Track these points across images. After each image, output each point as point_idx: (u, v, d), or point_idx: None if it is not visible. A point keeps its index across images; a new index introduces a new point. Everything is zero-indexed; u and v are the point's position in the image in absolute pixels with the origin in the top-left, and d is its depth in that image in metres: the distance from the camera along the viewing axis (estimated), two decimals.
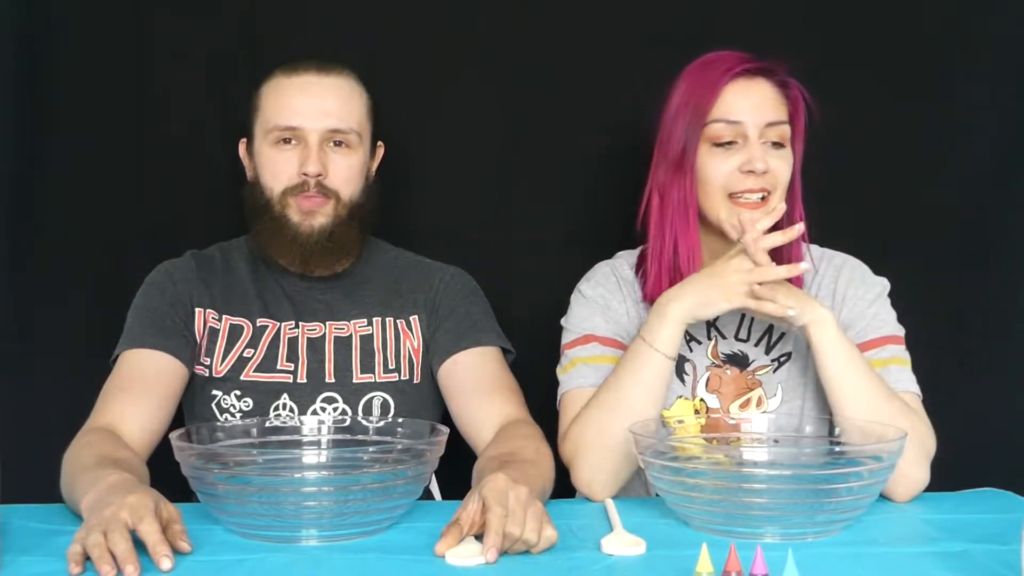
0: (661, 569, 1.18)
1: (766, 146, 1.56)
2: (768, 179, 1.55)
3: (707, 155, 1.57)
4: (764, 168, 1.54)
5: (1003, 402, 1.99)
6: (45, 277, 1.94)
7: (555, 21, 1.99)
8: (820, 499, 1.28)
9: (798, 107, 1.59)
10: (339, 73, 1.67)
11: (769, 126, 1.56)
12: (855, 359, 1.49)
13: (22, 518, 1.35)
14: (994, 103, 1.99)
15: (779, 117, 1.57)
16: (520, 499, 1.22)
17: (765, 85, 1.57)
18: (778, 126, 1.57)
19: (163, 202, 1.96)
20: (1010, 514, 1.39)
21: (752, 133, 1.55)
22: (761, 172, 1.54)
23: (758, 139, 1.55)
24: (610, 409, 1.50)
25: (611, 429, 1.48)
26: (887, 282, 1.63)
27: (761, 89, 1.57)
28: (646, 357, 1.50)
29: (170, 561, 1.16)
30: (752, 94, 1.56)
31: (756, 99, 1.56)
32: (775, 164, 1.56)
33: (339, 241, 1.66)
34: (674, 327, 1.49)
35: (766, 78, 1.58)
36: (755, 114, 1.55)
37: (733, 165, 1.55)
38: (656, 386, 1.50)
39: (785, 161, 1.57)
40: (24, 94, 1.91)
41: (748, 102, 1.56)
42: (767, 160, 1.55)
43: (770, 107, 1.57)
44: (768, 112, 1.56)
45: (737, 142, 1.56)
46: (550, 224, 1.98)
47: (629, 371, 1.50)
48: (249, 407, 1.64)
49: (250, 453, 1.41)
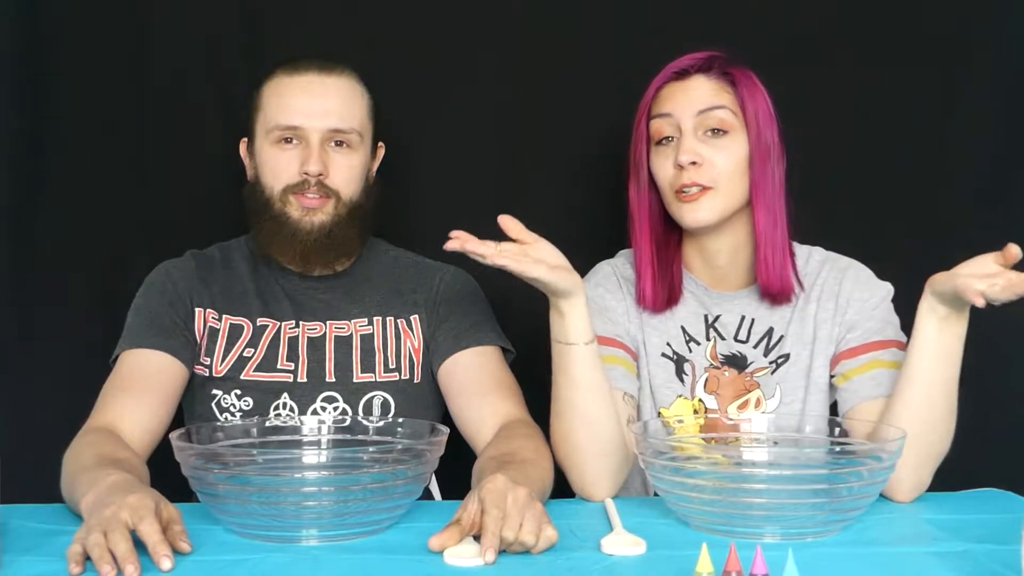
0: (661, 569, 1.18)
1: (706, 136, 1.55)
2: (705, 172, 1.54)
3: (654, 155, 1.59)
4: (691, 159, 1.53)
5: (1003, 402, 1.99)
6: (45, 277, 1.94)
7: (556, 22, 1.99)
8: (820, 499, 1.28)
9: (745, 93, 1.57)
10: (341, 73, 1.67)
11: (702, 113, 1.55)
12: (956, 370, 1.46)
13: (22, 518, 1.34)
14: (994, 104, 1.99)
15: (713, 103, 1.55)
16: (518, 502, 1.22)
17: (700, 79, 1.57)
18: (714, 111, 1.55)
19: (163, 202, 1.96)
20: (1010, 514, 1.39)
21: (686, 124, 1.55)
22: (688, 164, 1.53)
23: (694, 130, 1.55)
24: (565, 417, 1.50)
25: (575, 435, 1.49)
26: (891, 287, 1.63)
27: (694, 82, 1.57)
28: (566, 354, 1.48)
29: (170, 561, 1.16)
30: (686, 88, 1.57)
31: (689, 92, 1.57)
32: (711, 154, 1.54)
33: (338, 240, 1.66)
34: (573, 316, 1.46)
35: (702, 73, 1.58)
36: (686, 105, 1.55)
37: (672, 161, 1.56)
38: (590, 377, 1.48)
39: (725, 150, 1.55)
40: (24, 94, 1.91)
41: (680, 95, 1.57)
42: (698, 151, 1.54)
43: (702, 96, 1.56)
44: (699, 101, 1.55)
45: (675, 138, 1.56)
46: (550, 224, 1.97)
47: (561, 374, 1.49)
48: (249, 407, 1.64)
49: (250, 453, 1.41)
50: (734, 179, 1.56)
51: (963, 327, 1.43)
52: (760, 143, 1.56)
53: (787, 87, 1.65)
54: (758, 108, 1.57)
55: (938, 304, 1.42)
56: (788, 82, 1.68)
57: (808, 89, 1.94)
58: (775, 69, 1.65)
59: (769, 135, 1.57)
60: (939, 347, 1.43)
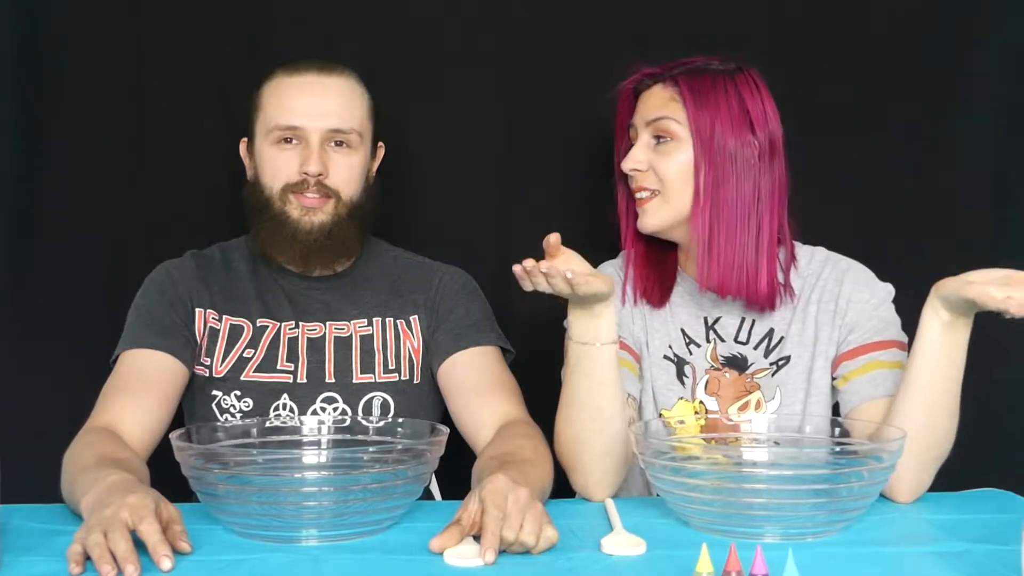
0: (661, 569, 1.18)
1: (654, 144, 1.59)
2: (649, 177, 1.59)
3: None
4: (633, 166, 1.59)
5: (1004, 402, 1.99)
6: (45, 277, 1.94)
7: (557, 23, 1.98)
8: (820, 499, 1.28)
9: (692, 103, 1.56)
10: (341, 73, 1.67)
11: (651, 124, 1.59)
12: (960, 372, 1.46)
13: (22, 518, 1.34)
14: (994, 103, 1.99)
15: (659, 114, 1.58)
16: (518, 502, 1.22)
17: (656, 88, 1.61)
18: (660, 121, 1.58)
19: (163, 202, 1.96)
20: (1010, 514, 1.39)
21: (641, 133, 1.60)
22: (631, 170, 1.59)
23: (648, 138, 1.60)
24: (579, 419, 1.49)
25: (588, 435, 1.48)
26: (892, 288, 1.63)
27: (651, 92, 1.61)
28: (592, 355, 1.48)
29: (170, 561, 1.16)
30: (645, 98, 1.62)
31: (646, 101, 1.61)
32: (654, 159, 1.58)
33: (338, 239, 1.66)
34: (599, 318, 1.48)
35: (660, 83, 1.61)
36: (642, 113, 1.61)
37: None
38: (610, 375, 1.49)
39: (668, 156, 1.58)
40: (24, 94, 1.91)
41: (640, 105, 1.62)
42: (640, 158, 1.59)
43: (654, 105, 1.60)
44: (650, 110, 1.59)
45: (634, 144, 1.62)
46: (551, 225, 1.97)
47: (584, 377, 1.48)
48: (249, 407, 1.64)
49: (250, 453, 1.41)
50: (679, 186, 1.57)
51: (967, 332, 1.43)
52: (710, 152, 1.56)
53: (787, 87, 1.65)
54: (713, 117, 1.56)
55: (943, 309, 1.41)
56: (788, 82, 1.68)
57: (808, 89, 1.94)
58: (775, 69, 1.65)
59: (731, 143, 1.56)
60: (942, 352, 1.43)
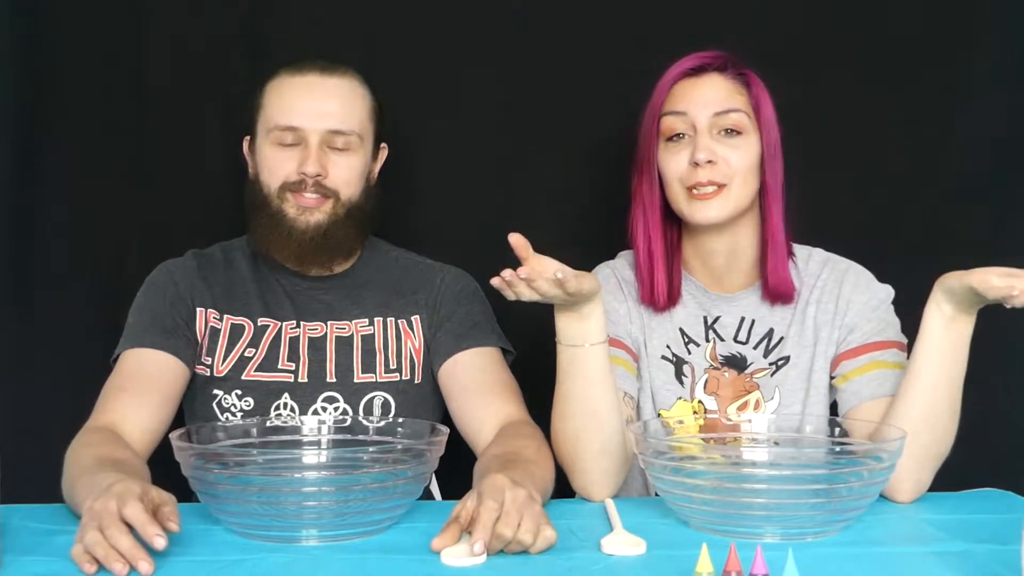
0: (661, 569, 1.18)
1: (720, 136, 1.56)
2: (719, 170, 1.55)
3: (663, 151, 1.59)
4: (708, 158, 1.54)
5: (1004, 402, 1.99)
6: (45, 277, 1.94)
7: (558, 23, 1.99)
8: (820, 499, 1.28)
9: (759, 95, 1.58)
10: (343, 74, 1.67)
11: (718, 115, 1.56)
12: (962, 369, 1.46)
13: (22, 518, 1.34)
14: (994, 103, 1.99)
15: (730, 106, 1.56)
16: (516, 500, 1.22)
17: (716, 78, 1.58)
18: (730, 114, 1.56)
19: (163, 202, 1.96)
20: (1010, 514, 1.39)
21: (701, 123, 1.56)
22: (705, 163, 1.54)
23: (708, 129, 1.56)
24: (575, 417, 1.49)
25: (584, 434, 1.48)
26: (891, 289, 1.63)
27: (710, 81, 1.58)
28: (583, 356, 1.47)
29: (163, 540, 1.14)
30: (700, 86, 1.58)
31: (704, 90, 1.57)
32: (726, 153, 1.55)
33: (334, 239, 1.66)
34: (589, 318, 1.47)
35: (718, 72, 1.58)
36: (702, 104, 1.56)
37: (685, 158, 1.56)
38: (602, 373, 1.48)
39: (740, 150, 1.56)
40: (24, 93, 1.91)
41: (695, 93, 1.57)
42: (714, 150, 1.55)
43: (719, 97, 1.57)
44: (715, 102, 1.56)
45: (687, 135, 1.57)
46: (550, 225, 1.98)
47: (576, 377, 1.47)
48: (250, 407, 1.64)
49: (250, 453, 1.41)
50: (747, 179, 1.57)
51: (969, 328, 1.43)
52: (770, 145, 1.58)
53: (787, 87, 1.65)
54: (769, 110, 1.58)
55: (945, 303, 1.41)
56: (788, 82, 1.68)
57: (808, 89, 1.94)
58: (775, 69, 1.65)
59: (776, 137, 1.59)
60: (944, 346, 1.43)
